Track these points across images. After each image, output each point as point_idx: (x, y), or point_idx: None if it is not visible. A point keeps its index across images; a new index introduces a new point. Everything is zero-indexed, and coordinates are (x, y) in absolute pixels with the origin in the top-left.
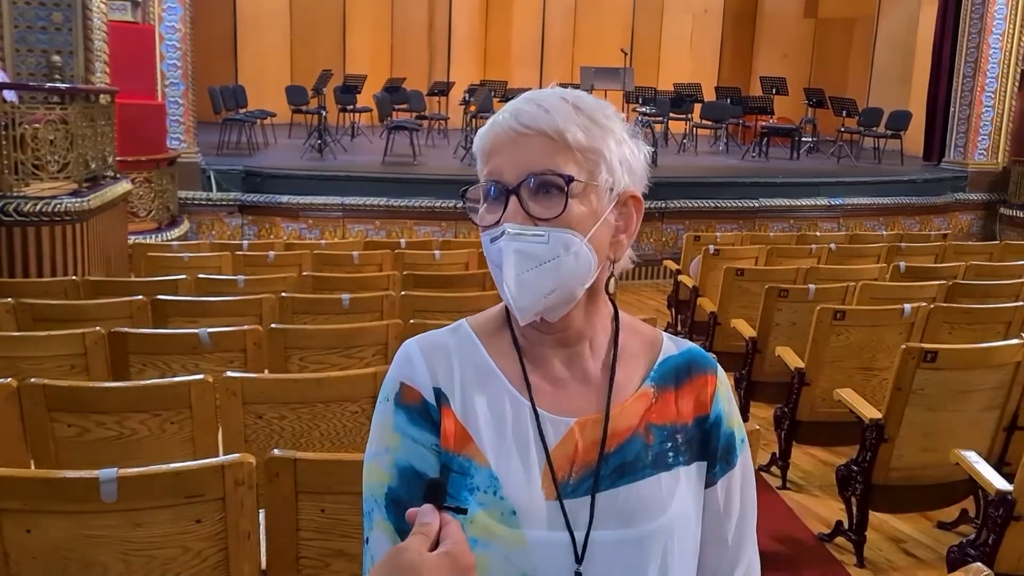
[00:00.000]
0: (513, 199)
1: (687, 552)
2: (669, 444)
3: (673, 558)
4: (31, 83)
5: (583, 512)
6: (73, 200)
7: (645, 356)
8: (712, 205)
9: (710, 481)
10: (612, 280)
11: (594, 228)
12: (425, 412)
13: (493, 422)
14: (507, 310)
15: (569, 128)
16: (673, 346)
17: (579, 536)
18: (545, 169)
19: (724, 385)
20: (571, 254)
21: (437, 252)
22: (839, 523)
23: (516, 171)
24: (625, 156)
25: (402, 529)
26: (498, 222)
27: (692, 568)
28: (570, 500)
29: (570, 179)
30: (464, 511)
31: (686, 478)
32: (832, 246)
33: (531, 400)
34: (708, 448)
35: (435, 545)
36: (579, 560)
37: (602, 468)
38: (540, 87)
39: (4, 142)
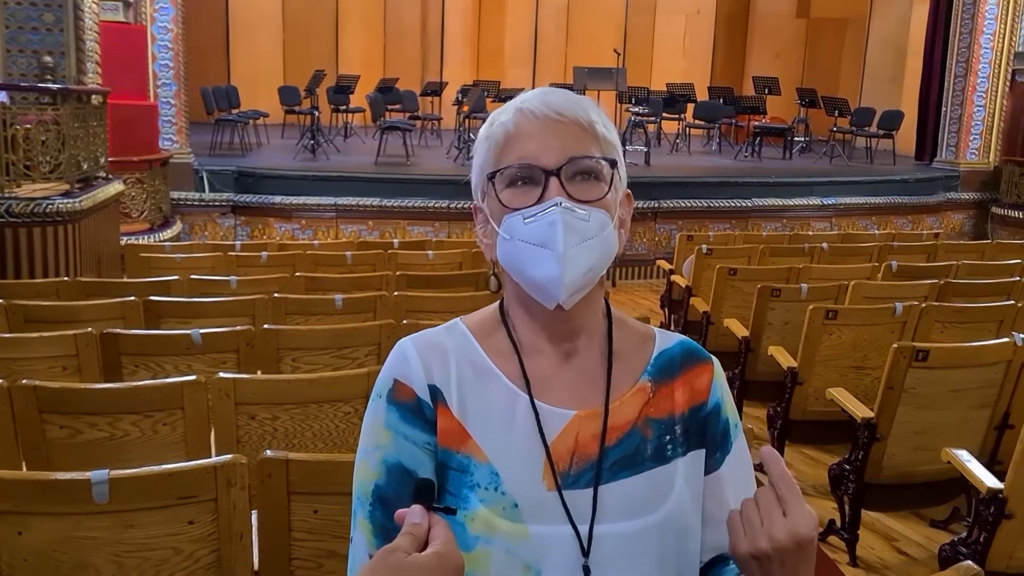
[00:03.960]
0: (554, 180)
1: (688, 541)
2: (667, 437)
3: (675, 548)
4: (22, 84)
5: (585, 504)
6: (65, 201)
7: (640, 351)
8: (705, 205)
9: (711, 467)
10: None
11: (616, 216)
12: (419, 409)
13: (492, 418)
14: (501, 310)
15: (596, 120)
16: (667, 339)
17: (583, 529)
18: (585, 154)
19: (721, 376)
20: (605, 235)
21: (430, 252)
22: (832, 522)
23: (556, 155)
24: (622, 155)
25: (388, 527)
26: (538, 201)
27: (694, 555)
28: (570, 491)
29: (614, 162)
30: (453, 512)
31: (683, 468)
32: (824, 245)
33: (529, 394)
34: (707, 435)
35: (424, 546)
36: (585, 553)
37: (603, 461)
38: (533, 87)
39: None
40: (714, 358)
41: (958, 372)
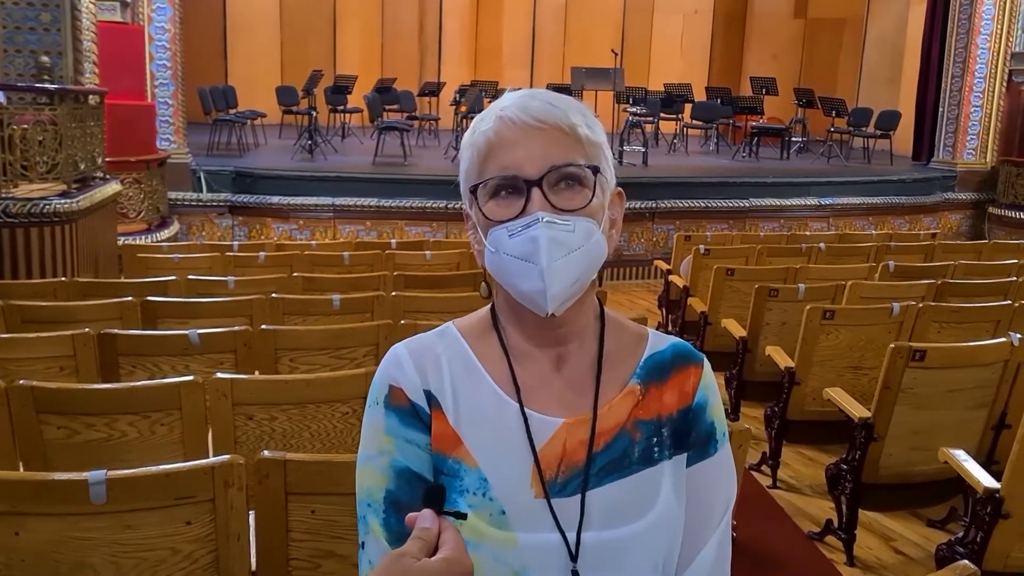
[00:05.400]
0: (536, 191)
1: (676, 544)
2: (655, 439)
3: (664, 551)
4: (20, 84)
5: (573, 511)
6: (62, 201)
7: (632, 353)
8: (702, 205)
9: (689, 461)
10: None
11: (603, 219)
12: (415, 413)
13: (483, 424)
14: (493, 313)
15: (578, 122)
16: (659, 342)
17: (571, 536)
18: (567, 162)
19: (709, 377)
20: (592, 243)
21: (428, 252)
22: (829, 522)
23: (536, 164)
24: (609, 154)
25: (402, 532)
26: (521, 213)
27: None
28: (558, 499)
29: (596, 169)
30: (464, 516)
31: (670, 471)
32: (822, 246)
33: (519, 401)
34: (691, 436)
35: (434, 551)
36: (574, 558)
37: (590, 467)
38: (531, 87)
39: None
40: (705, 360)
41: (955, 372)
